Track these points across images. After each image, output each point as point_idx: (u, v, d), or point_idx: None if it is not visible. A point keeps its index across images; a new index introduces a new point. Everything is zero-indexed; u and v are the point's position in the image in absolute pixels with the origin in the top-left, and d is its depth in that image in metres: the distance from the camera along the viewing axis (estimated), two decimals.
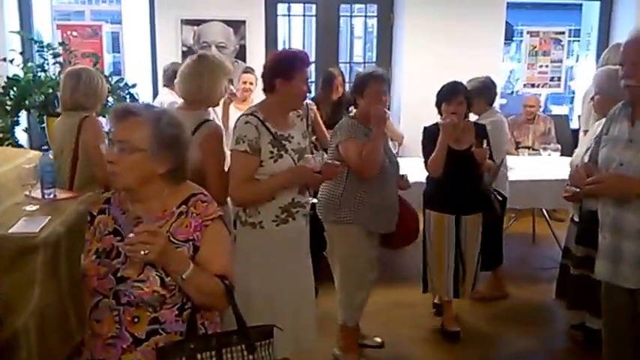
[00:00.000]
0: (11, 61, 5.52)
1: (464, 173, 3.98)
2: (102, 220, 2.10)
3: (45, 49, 5.63)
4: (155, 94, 6.40)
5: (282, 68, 2.97)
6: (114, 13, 8.43)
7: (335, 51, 7.08)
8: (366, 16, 7.44)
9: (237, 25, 6.46)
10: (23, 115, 5.82)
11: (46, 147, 3.75)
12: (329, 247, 3.84)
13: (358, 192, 3.56)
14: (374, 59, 7.37)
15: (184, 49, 6.40)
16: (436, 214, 4.09)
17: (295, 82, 2.96)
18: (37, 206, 2.97)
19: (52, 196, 3.14)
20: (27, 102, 5.46)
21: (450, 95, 3.95)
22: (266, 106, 3.02)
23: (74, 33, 6.54)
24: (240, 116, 3.02)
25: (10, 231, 2.70)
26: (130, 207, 2.07)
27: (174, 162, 2.03)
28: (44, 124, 5.56)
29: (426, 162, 4.00)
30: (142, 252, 1.82)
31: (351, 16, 7.46)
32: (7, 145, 5.41)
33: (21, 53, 5.65)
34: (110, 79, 5.84)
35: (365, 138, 3.49)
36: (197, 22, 6.40)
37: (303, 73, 2.98)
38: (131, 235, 1.85)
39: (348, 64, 7.38)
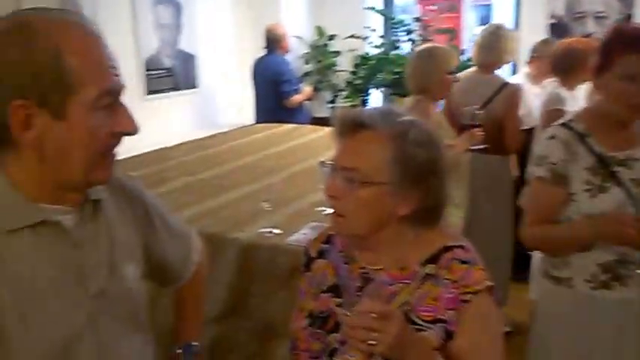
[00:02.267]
0: (364, 39, 5.14)
1: None
2: (320, 268, 1.41)
3: (397, 26, 5.13)
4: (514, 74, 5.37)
5: (597, 53, 1.80)
6: None
7: None
8: None
9: None
10: (375, 95, 5.49)
11: None
12: None
13: None
14: None
15: (553, 21, 5.20)
16: None
17: (612, 73, 1.75)
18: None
19: None
20: (375, 80, 5.07)
21: None
22: (592, 112, 1.87)
23: (433, 7, 5.89)
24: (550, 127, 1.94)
25: (288, 240, 2.20)
26: (355, 254, 1.36)
27: (424, 199, 1.27)
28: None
29: None
30: (367, 342, 1.11)
31: None
32: None
33: (373, 30, 5.23)
34: (462, 58, 5.08)
35: None
36: None
37: (624, 60, 1.72)
38: (353, 312, 1.14)
39: None
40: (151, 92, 4.45)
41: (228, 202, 2.62)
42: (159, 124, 4.40)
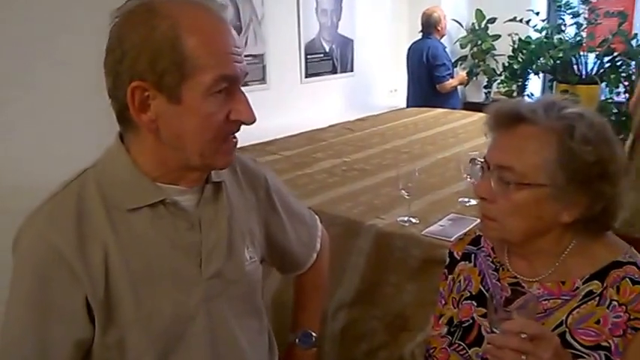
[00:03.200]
0: (527, 22, 4.79)
1: None
2: (464, 270, 1.28)
3: (562, 9, 4.71)
4: None
5: None
6: None
7: None
8: None
9: None
10: (534, 81, 5.12)
11: None
12: None
13: None
14: None
15: None
16: None
17: None
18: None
19: None
20: (535, 66, 4.72)
21: None
22: None
23: None
24: None
25: (424, 232, 2.14)
26: (506, 261, 1.20)
27: (591, 205, 1.07)
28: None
29: None
30: None
31: None
32: None
33: (537, 14, 4.85)
34: (633, 43, 4.56)
35: None
36: None
37: None
38: (501, 329, 0.99)
39: None
40: (309, 75, 4.55)
41: (370, 187, 2.61)
42: (316, 106, 4.50)
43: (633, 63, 4.53)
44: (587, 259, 1.12)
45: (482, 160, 1.13)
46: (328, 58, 4.72)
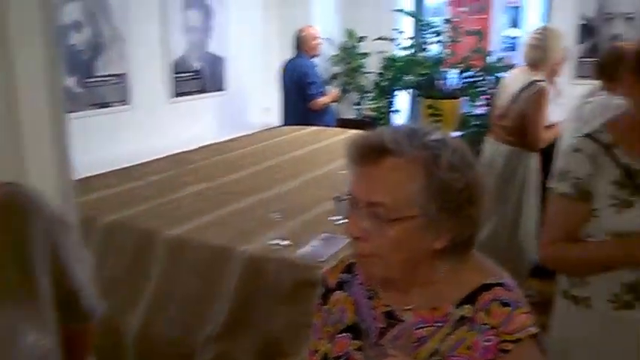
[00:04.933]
0: (393, 41, 4.99)
1: None
2: (339, 301, 1.22)
3: (426, 28, 4.96)
4: None
5: (638, 58, 1.60)
6: None
7: None
8: None
9: None
10: (402, 97, 5.33)
11: None
12: None
13: None
14: None
15: (583, 22, 4.95)
16: None
17: None
18: None
19: None
20: (402, 82, 4.93)
21: None
22: (622, 122, 1.68)
23: (464, 8, 5.68)
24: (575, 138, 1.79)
25: (298, 252, 2.10)
26: (379, 289, 1.17)
27: (462, 229, 1.07)
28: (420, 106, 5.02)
29: None
30: None
31: None
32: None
33: (401, 32, 5.07)
34: (489, 58, 4.90)
35: None
36: None
37: None
38: None
39: None
40: (178, 95, 4.40)
41: (241, 211, 2.54)
42: (186, 127, 4.35)
43: (491, 78, 4.86)
44: (458, 284, 1.11)
45: (349, 195, 1.08)
46: (198, 77, 4.60)
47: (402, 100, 5.42)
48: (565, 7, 4.91)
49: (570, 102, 3.29)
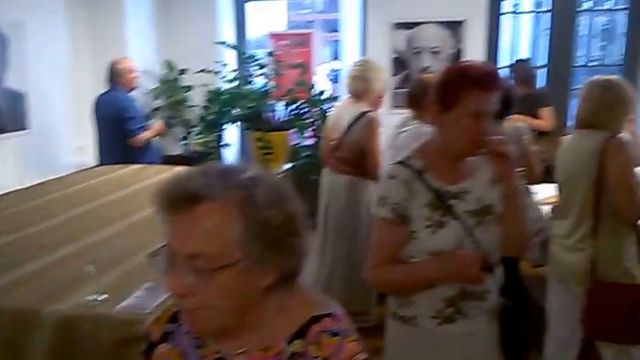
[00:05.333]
0: (216, 73, 4.90)
1: None
2: (165, 354, 1.12)
3: (250, 61, 4.95)
4: None
5: (440, 89, 1.74)
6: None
7: (569, 52, 5.40)
8: (610, 10, 5.67)
9: (455, 27, 5.17)
10: (230, 130, 5.25)
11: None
12: None
13: None
14: (618, 62, 5.50)
15: (395, 55, 5.30)
16: None
17: (457, 112, 1.69)
18: None
19: None
20: (229, 116, 4.85)
21: None
22: (429, 148, 1.81)
23: (286, 42, 5.78)
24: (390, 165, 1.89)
25: (119, 307, 1.87)
26: (208, 337, 1.09)
27: (287, 262, 1.03)
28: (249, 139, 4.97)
29: None
30: None
31: (592, 10, 5.74)
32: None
33: (225, 65, 5.01)
34: (313, 90, 5.02)
35: None
36: (410, 26, 5.24)
37: (473, 98, 1.67)
38: None
39: (584, 68, 5.62)
40: None
41: (51, 265, 2.23)
42: None
43: (317, 109, 4.97)
44: (289, 319, 1.06)
45: (166, 248, 0.98)
46: None
47: (231, 133, 5.33)
48: (378, 41, 5.23)
49: (388, 131, 3.45)
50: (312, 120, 5.00)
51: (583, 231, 2.53)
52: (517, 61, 5.28)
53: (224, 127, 5.11)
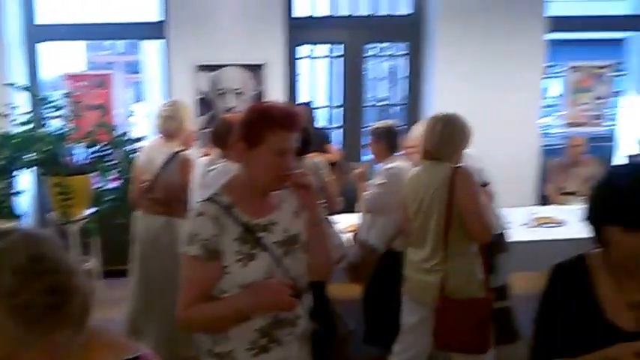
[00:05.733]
0: (6, 117, 4.55)
1: None
2: None
3: (44, 103, 4.67)
4: None
5: (245, 128, 1.87)
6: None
7: (360, 94, 6.00)
8: (393, 56, 6.43)
9: (255, 70, 5.45)
10: (25, 176, 4.86)
11: None
12: None
13: None
14: (403, 101, 6.24)
15: (200, 96, 5.39)
16: None
17: (262, 150, 1.84)
18: None
19: None
20: (22, 161, 4.51)
21: None
22: (236, 184, 1.93)
23: (84, 83, 5.56)
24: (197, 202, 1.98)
25: None
26: None
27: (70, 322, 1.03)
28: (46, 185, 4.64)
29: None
30: None
31: (378, 56, 6.45)
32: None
33: (14, 107, 4.68)
34: (115, 132, 4.90)
35: None
36: (213, 68, 5.39)
37: (276, 137, 1.82)
38: None
39: (373, 108, 6.29)
40: None
41: None
42: None
43: (120, 151, 4.84)
44: None
45: None
46: None
47: (26, 180, 4.95)
48: (182, 83, 5.30)
49: (197, 170, 3.51)
50: (115, 162, 4.86)
51: (440, 255, 2.78)
52: (299, 104, 5.71)
53: (16, 173, 4.72)
